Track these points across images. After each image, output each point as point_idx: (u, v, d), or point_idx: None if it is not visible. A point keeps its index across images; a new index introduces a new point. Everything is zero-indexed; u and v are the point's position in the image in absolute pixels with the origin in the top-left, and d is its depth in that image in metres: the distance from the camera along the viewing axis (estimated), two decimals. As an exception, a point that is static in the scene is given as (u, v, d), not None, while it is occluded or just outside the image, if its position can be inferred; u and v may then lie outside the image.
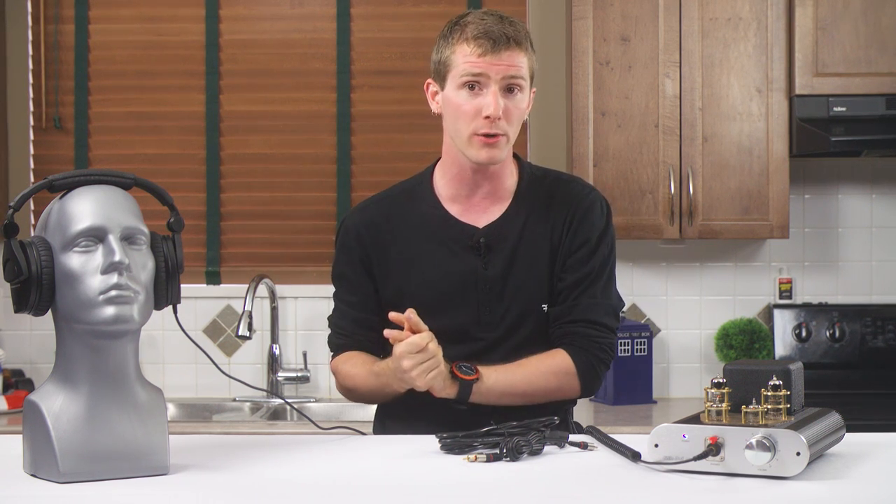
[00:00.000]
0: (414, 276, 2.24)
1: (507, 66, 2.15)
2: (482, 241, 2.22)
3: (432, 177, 2.30)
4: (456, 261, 2.23)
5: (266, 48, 4.02)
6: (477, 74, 2.15)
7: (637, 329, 3.77)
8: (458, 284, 2.23)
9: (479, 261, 2.22)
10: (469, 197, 2.26)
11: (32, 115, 4.01)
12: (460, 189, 2.26)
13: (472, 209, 2.26)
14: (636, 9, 3.62)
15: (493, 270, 2.22)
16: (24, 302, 1.69)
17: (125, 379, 1.74)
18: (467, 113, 2.16)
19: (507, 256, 2.23)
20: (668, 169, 3.62)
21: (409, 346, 2.05)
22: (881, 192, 3.97)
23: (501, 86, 2.15)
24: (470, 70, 2.15)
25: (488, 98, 2.15)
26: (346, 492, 1.66)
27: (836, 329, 3.86)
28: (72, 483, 1.67)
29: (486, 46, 2.14)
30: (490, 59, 2.14)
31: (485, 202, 2.26)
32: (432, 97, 2.26)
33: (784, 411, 1.76)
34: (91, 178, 1.73)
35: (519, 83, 2.17)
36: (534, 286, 2.23)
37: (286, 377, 3.88)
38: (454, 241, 2.24)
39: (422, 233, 2.25)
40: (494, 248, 2.23)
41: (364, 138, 3.99)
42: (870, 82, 3.56)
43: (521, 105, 2.20)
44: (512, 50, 2.15)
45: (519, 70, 2.16)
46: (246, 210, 4.02)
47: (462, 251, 2.23)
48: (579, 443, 1.94)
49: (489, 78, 2.15)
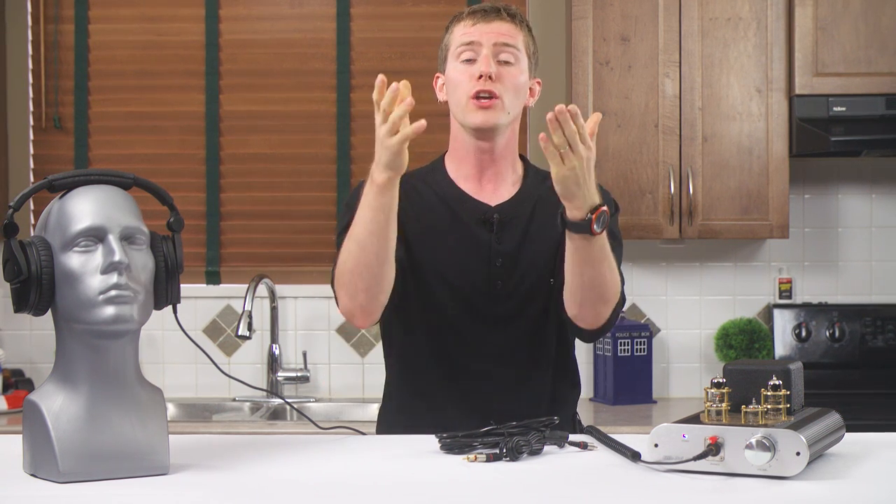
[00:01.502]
0: (431, 246, 2.27)
1: (499, 33, 2.23)
2: (496, 216, 2.27)
3: (444, 164, 2.36)
4: (470, 234, 2.27)
5: (266, 48, 4.02)
6: (469, 43, 2.22)
7: (637, 329, 3.77)
8: (474, 256, 2.26)
9: (492, 236, 2.27)
10: (478, 178, 2.30)
11: (32, 115, 4.01)
12: (469, 170, 2.30)
13: (483, 189, 2.30)
14: (636, 9, 3.62)
15: (506, 245, 2.26)
16: (24, 302, 1.69)
17: (125, 379, 1.74)
18: (463, 80, 2.22)
19: (520, 233, 2.28)
20: (668, 169, 3.62)
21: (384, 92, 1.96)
22: (881, 192, 3.97)
23: (493, 52, 2.21)
24: (463, 39, 2.23)
25: (480, 60, 2.21)
26: (346, 492, 1.66)
27: (835, 329, 3.86)
28: (71, 483, 1.67)
29: (478, 17, 2.24)
30: (481, 26, 2.23)
31: (493, 184, 2.30)
32: (440, 89, 2.32)
33: (784, 411, 1.76)
34: (91, 177, 1.73)
35: (512, 52, 2.23)
36: (543, 262, 2.27)
37: (286, 377, 3.88)
38: (469, 214, 2.28)
39: (438, 208, 2.29)
40: (507, 225, 2.27)
41: (364, 138, 3.99)
42: (869, 82, 3.56)
43: (517, 77, 2.24)
44: (503, 20, 2.24)
45: (511, 39, 2.23)
46: (246, 210, 4.02)
47: (476, 225, 2.27)
48: (579, 443, 1.94)
49: (481, 45, 2.22)
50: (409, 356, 2.32)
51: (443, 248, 2.27)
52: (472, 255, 2.26)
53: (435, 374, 2.28)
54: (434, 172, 2.35)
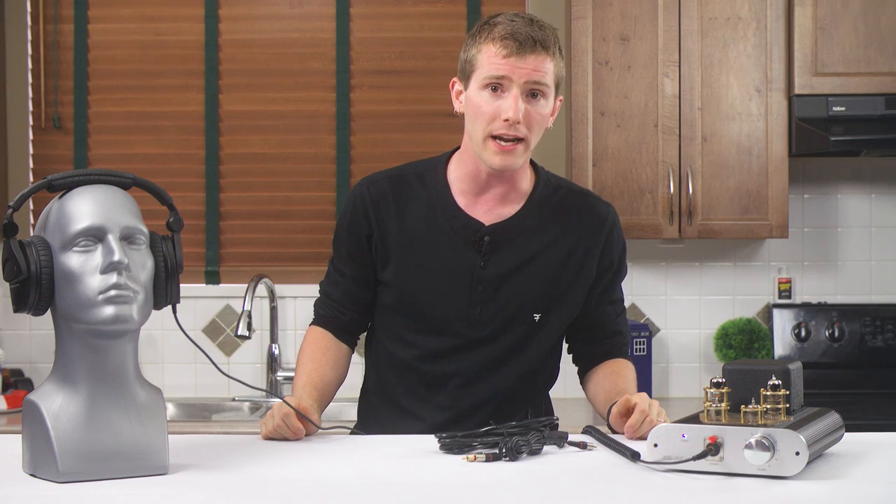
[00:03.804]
0: (411, 259, 2.24)
1: (532, 70, 2.11)
2: (486, 238, 2.21)
3: (447, 166, 2.28)
4: (455, 254, 2.21)
5: (265, 48, 4.02)
6: (500, 77, 2.11)
7: (636, 329, 3.77)
8: (453, 278, 2.21)
9: (477, 258, 2.21)
10: (480, 194, 2.24)
11: (32, 115, 4.01)
12: (472, 186, 2.24)
13: (481, 205, 2.24)
14: (635, 8, 3.62)
15: (491, 270, 2.21)
16: (24, 302, 1.69)
17: (124, 379, 1.74)
18: (486, 114, 2.13)
19: (511, 259, 2.22)
20: (668, 168, 3.62)
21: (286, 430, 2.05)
22: (880, 192, 3.97)
23: (524, 90, 2.12)
24: (493, 72, 2.12)
25: (509, 101, 2.11)
26: (346, 492, 1.66)
27: (835, 329, 3.86)
28: (71, 483, 1.67)
29: (511, 48, 2.10)
30: (514, 60, 2.10)
31: (495, 201, 2.24)
32: (456, 96, 2.23)
33: (783, 411, 1.77)
34: (90, 177, 1.73)
35: (542, 89, 2.13)
36: (532, 294, 2.23)
37: (285, 377, 3.88)
38: (456, 233, 2.22)
39: (426, 219, 2.24)
40: (497, 248, 2.21)
41: (363, 138, 3.99)
42: (869, 82, 3.56)
43: (543, 111, 2.15)
44: (538, 54, 2.11)
45: (543, 76, 2.12)
46: (245, 210, 4.02)
47: (463, 245, 2.21)
48: (578, 443, 1.94)
49: (511, 81, 2.11)
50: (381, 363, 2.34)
51: (422, 266, 2.22)
52: (454, 277, 2.21)
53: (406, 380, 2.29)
54: (433, 173, 2.28)
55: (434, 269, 2.22)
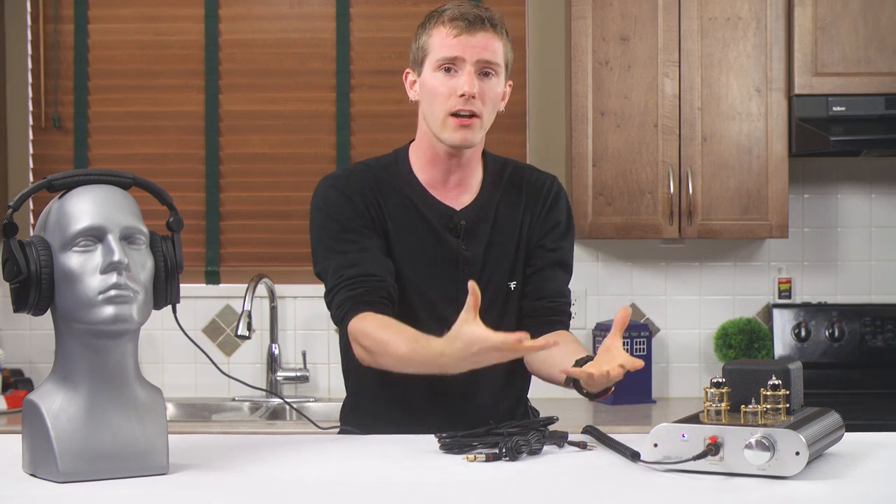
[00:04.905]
0: (402, 246, 2.27)
1: (482, 48, 2.20)
2: (462, 222, 2.28)
3: (407, 158, 2.35)
4: (439, 240, 2.27)
5: (265, 48, 4.02)
6: (453, 58, 2.20)
7: (636, 329, 3.77)
8: (442, 263, 2.27)
9: (459, 241, 2.28)
10: (443, 182, 2.30)
11: (32, 115, 4.01)
12: (434, 174, 2.30)
13: (448, 192, 2.31)
14: (635, 8, 3.62)
15: (472, 251, 2.28)
16: (24, 302, 1.69)
17: (124, 379, 1.74)
18: (442, 94, 2.22)
19: (485, 238, 2.29)
20: (668, 168, 3.62)
21: (504, 344, 1.89)
22: (880, 192, 3.97)
23: (476, 68, 2.20)
24: (446, 53, 2.21)
25: (463, 77, 2.20)
26: (346, 492, 1.66)
27: (835, 329, 3.86)
28: (71, 483, 1.67)
29: (461, 27, 2.20)
30: (465, 38, 2.20)
31: (458, 188, 2.31)
32: (410, 86, 2.34)
33: (783, 411, 1.77)
34: (90, 177, 1.73)
35: (493, 67, 2.22)
36: (506, 265, 2.31)
37: (285, 377, 3.88)
38: (437, 220, 2.28)
39: (405, 207, 2.28)
40: (472, 230, 2.29)
41: (363, 138, 3.99)
42: (869, 82, 3.56)
43: (496, 89, 2.24)
44: (487, 32, 2.21)
45: (493, 55, 2.21)
46: (245, 210, 4.02)
47: (444, 231, 2.28)
48: (578, 442, 1.94)
49: (464, 60, 2.20)
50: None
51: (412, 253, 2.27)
52: (443, 261, 2.27)
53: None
54: (397, 166, 2.33)
55: (424, 254, 2.27)
